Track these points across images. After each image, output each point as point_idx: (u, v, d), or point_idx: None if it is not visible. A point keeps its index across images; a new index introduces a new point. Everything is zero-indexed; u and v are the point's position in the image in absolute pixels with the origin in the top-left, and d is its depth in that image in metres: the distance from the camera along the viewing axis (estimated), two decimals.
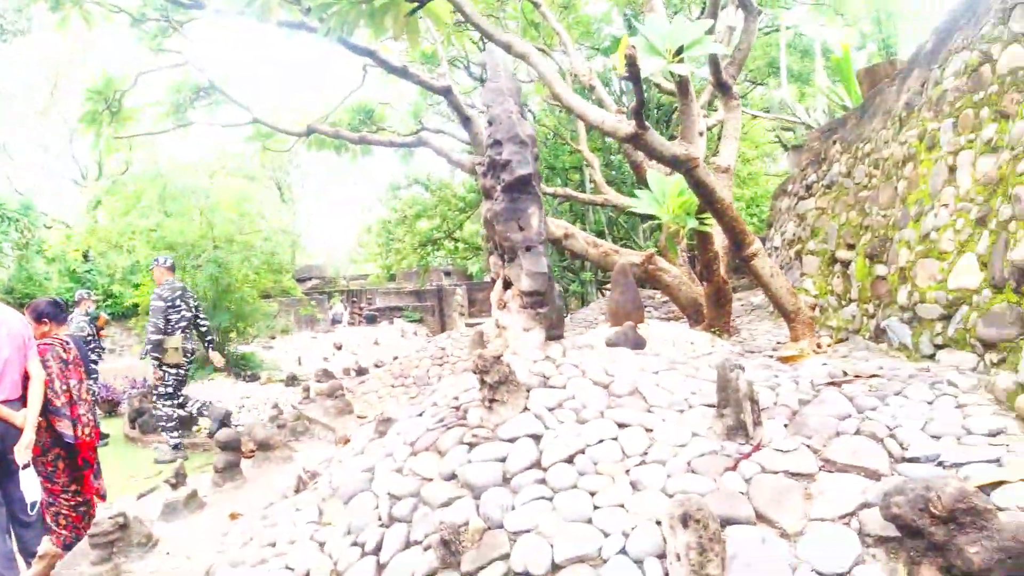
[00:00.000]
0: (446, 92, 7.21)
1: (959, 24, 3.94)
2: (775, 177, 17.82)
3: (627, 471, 2.40)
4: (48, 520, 4.62)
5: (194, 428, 8.82)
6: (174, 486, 4.77)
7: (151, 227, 10.46)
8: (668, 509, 1.91)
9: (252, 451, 7.85)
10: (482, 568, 2.13)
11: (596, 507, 2.24)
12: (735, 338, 6.57)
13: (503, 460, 2.59)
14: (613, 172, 15.12)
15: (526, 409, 2.90)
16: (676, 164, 4.38)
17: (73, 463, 4.90)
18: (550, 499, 2.33)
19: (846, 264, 5.52)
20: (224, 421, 7.94)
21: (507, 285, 3.72)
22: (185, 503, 4.46)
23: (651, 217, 9.63)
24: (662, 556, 1.97)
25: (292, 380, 10.80)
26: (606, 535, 2.10)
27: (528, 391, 3.03)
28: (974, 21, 3.71)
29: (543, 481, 2.43)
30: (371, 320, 26.16)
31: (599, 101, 8.52)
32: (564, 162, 15.99)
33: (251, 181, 18.07)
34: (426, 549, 2.32)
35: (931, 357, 3.64)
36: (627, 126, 4.34)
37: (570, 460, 2.50)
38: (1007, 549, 1.61)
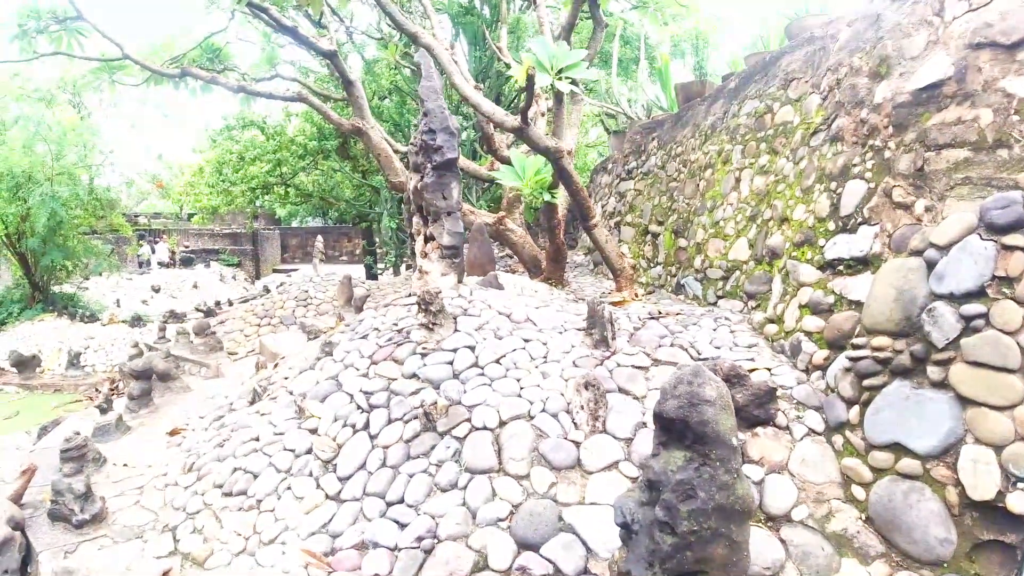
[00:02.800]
0: (331, 56, 7.73)
1: (755, 77, 5.54)
2: (589, 147, 20.09)
3: (537, 366, 3.67)
4: None
5: (38, 370, 8.62)
6: (103, 411, 5.20)
7: None
8: (576, 379, 3.21)
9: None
10: (454, 427, 3.28)
11: (522, 388, 3.48)
12: (568, 289, 8.13)
13: (451, 363, 3.73)
14: None
15: (457, 330, 4.04)
16: (548, 154, 5.64)
17: None
18: (490, 384, 3.52)
19: (656, 236, 7.25)
20: None
21: (427, 239, 4.78)
22: (116, 425, 4.98)
23: (485, 181, 10.98)
24: (568, 412, 3.27)
25: (137, 320, 10.65)
26: (531, 403, 3.36)
27: (455, 318, 4.16)
28: (766, 79, 5.29)
29: (483, 374, 3.62)
30: (187, 263, 24.90)
31: (461, 72, 9.52)
32: (408, 120, 16.73)
33: (48, 106, 16.35)
34: (407, 422, 3.41)
35: (714, 304, 5.34)
36: (513, 120, 5.50)
37: (498, 361, 3.71)
38: (754, 393, 3.13)
